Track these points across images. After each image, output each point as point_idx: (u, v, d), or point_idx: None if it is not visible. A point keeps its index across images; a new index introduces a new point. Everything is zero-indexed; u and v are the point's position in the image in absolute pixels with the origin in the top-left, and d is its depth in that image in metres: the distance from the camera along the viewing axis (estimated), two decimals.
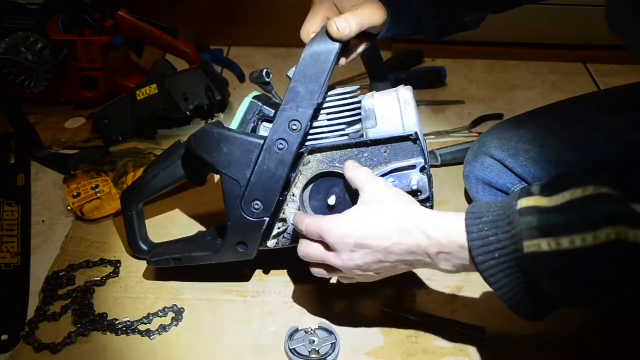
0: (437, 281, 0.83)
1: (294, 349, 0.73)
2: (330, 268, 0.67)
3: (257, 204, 0.73)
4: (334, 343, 0.74)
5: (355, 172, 0.68)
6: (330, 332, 0.75)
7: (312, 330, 0.75)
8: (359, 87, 0.77)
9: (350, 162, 0.70)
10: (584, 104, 0.90)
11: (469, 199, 0.97)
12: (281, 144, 0.71)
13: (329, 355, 0.72)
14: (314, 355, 0.73)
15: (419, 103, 1.24)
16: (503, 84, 1.35)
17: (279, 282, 0.84)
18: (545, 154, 0.84)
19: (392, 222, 0.62)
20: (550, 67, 1.41)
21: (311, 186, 0.74)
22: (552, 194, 0.53)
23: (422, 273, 0.85)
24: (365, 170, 0.68)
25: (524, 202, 0.54)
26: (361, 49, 0.76)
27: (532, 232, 0.52)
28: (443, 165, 1.06)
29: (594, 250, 0.49)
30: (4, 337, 0.76)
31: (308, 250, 0.67)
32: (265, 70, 0.74)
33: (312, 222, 0.67)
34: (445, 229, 0.60)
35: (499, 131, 0.90)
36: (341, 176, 0.71)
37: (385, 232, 0.62)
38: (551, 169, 0.83)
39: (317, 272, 0.69)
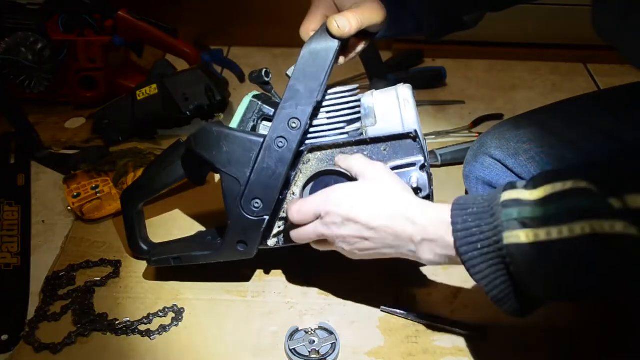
0: (437, 281, 0.83)
1: (294, 349, 0.73)
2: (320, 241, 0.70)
3: (256, 202, 0.73)
4: (334, 343, 0.74)
5: (350, 160, 0.70)
6: (330, 332, 0.75)
7: (312, 330, 0.75)
8: (358, 85, 0.77)
9: (340, 155, 0.72)
10: (584, 104, 0.90)
11: None
12: (280, 142, 0.71)
13: (329, 355, 0.72)
14: (314, 355, 0.73)
15: (419, 103, 1.24)
16: (503, 84, 1.35)
17: (279, 282, 0.84)
18: (545, 154, 0.84)
19: (384, 203, 0.65)
20: (550, 67, 1.41)
21: (310, 185, 0.74)
22: (535, 187, 0.54)
23: (422, 273, 0.85)
24: (358, 155, 0.71)
25: (507, 195, 0.56)
26: (360, 47, 0.77)
27: (511, 224, 0.53)
28: (443, 165, 1.06)
29: (570, 242, 0.50)
30: (4, 337, 0.76)
31: (299, 232, 0.70)
32: (264, 70, 0.74)
33: (304, 202, 0.69)
34: (431, 217, 0.62)
35: (499, 131, 0.90)
36: (340, 174, 0.72)
37: (374, 211, 0.64)
38: (551, 169, 0.83)
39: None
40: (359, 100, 0.75)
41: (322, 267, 0.83)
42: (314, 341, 0.74)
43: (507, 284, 0.56)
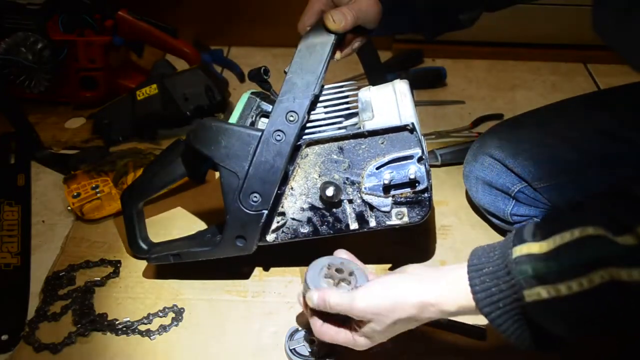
0: None
1: (294, 349, 0.73)
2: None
3: (255, 196, 0.73)
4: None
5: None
6: None
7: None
8: (355, 81, 0.77)
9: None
10: (584, 104, 0.90)
11: (469, 199, 0.97)
12: (278, 135, 0.71)
13: (330, 356, 0.72)
14: (314, 356, 0.73)
15: (419, 103, 1.25)
16: (503, 84, 1.35)
17: (279, 282, 0.84)
18: (545, 154, 0.84)
19: (393, 319, 0.62)
20: (550, 67, 1.41)
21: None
22: (544, 238, 0.54)
23: None
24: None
25: (518, 251, 0.56)
26: (356, 44, 0.77)
27: (529, 281, 0.54)
28: (443, 165, 1.06)
29: (591, 293, 0.50)
30: (4, 337, 0.77)
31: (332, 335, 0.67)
32: (262, 68, 0.75)
33: (338, 303, 0.64)
34: (448, 290, 0.60)
35: (499, 131, 0.90)
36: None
37: (390, 327, 0.63)
38: (551, 169, 0.83)
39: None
40: (356, 95, 0.75)
41: None
42: (314, 341, 0.74)
43: (535, 334, 0.57)
